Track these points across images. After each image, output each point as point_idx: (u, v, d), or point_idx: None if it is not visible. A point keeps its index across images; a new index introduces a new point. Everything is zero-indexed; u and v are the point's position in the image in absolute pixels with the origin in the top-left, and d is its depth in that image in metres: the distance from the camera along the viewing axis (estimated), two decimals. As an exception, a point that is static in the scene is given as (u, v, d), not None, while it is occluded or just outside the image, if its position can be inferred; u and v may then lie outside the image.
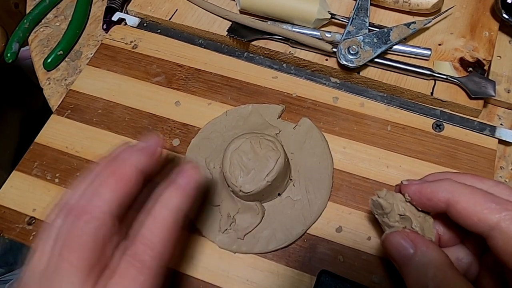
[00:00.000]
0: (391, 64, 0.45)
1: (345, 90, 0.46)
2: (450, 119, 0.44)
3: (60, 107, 0.47)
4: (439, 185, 0.29)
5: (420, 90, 0.44)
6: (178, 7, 0.52)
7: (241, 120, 0.44)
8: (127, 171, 0.29)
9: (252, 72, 0.47)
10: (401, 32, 0.45)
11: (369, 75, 0.45)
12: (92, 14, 0.56)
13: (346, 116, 0.44)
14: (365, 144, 0.43)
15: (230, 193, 0.40)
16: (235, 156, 0.38)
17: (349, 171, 0.42)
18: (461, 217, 0.27)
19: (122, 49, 0.50)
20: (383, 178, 0.41)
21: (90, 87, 0.48)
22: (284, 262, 0.38)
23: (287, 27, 0.48)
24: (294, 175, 0.41)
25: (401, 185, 0.33)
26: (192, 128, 0.45)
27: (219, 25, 0.50)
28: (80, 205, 0.28)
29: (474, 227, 0.27)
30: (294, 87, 0.46)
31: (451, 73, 0.45)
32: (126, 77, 0.48)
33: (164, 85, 0.47)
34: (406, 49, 0.46)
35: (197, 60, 0.49)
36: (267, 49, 0.48)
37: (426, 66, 0.45)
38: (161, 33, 0.51)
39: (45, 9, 0.56)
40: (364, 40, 0.45)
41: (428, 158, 0.42)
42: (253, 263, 0.38)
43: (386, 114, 0.44)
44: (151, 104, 0.46)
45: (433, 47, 0.47)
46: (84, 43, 0.54)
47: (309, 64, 0.47)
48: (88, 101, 0.47)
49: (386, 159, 0.42)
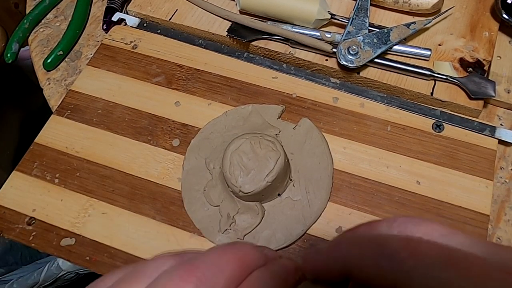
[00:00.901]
0: (391, 65, 0.45)
1: (345, 91, 0.46)
2: (450, 120, 0.43)
3: (60, 107, 0.47)
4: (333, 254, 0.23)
5: (420, 91, 0.44)
6: (178, 7, 0.51)
7: (241, 121, 0.44)
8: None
9: (252, 72, 0.47)
10: (401, 32, 0.45)
11: (369, 76, 0.45)
12: (92, 14, 0.56)
13: (346, 117, 0.44)
14: (365, 145, 0.43)
15: (230, 194, 0.40)
16: (235, 157, 0.38)
17: (349, 171, 0.42)
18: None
19: (122, 49, 0.50)
20: (383, 179, 0.41)
21: (90, 87, 0.48)
22: None
23: (287, 27, 0.48)
24: (294, 176, 0.41)
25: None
26: (192, 128, 0.45)
27: (219, 25, 0.50)
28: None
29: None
30: (294, 88, 0.46)
31: (451, 73, 0.45)
32: (126, 77, 0.48)
33: (164, 85, 0.47)
34: (406, 50, 0.46)
35: (197, 61, 0.49)
36: (267, 50, 0.48)
37: (426, 66, 0.45)
38: (161, 33, 0.51)
39: (45, 9, 0.56)
40: (364, 40, 0.45)
41: (428, 159, 0.42)
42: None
43: (386, 114, 0.44)
44: (151, 104, 0.46)
45: (433, 47, 0.46)
46: (84, 43, 0.54)
47: (309, 64, 0.47)
48: (88, 101, 0.47)
49: (386, 159, 0.42)
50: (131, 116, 0.46)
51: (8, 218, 0.41)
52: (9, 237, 0.40)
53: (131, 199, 0.42)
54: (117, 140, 0.45)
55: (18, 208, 0.42)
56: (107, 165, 0.44)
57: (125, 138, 0.45)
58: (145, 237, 0.40)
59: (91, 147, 0.45)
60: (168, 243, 0.39)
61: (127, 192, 0.42)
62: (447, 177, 0.41)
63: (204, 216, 0.40)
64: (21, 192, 0.43)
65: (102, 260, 0.39)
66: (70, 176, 0.43)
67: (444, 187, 0.40)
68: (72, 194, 0.42)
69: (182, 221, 0.40)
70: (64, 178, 0.43)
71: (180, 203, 0.41)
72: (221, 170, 0.39)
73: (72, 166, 0.44)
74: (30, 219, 0.41)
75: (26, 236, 0.40)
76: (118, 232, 0.40)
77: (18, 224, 0.41)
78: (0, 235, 0.40)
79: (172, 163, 0.43)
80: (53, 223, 0.41)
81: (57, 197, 0.42)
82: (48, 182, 0.43)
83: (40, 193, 0.42)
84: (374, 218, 0.38)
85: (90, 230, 0.40)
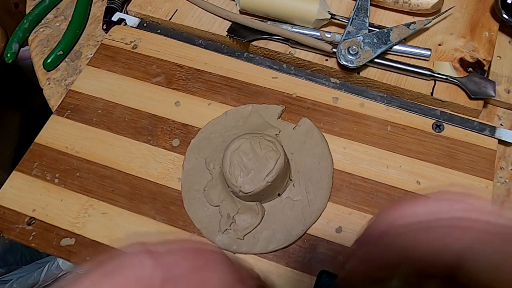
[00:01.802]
0: (391, 65, 0.45)
1: (345, 91, 0.46)
2: (450, 120, 0.43)
3: (60, 107, 0.47)
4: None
5: (420, 91, 0.44)
6: (178, 7, 0.51)
7: (241, 121, 0.44)
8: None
9: (252, 72, 0.47)
10: (401, 32, 0.45)
11: (369, 76, 0.45)
12: (92, 14, 0.56)
13: (346, 117, 0.44)
14: (365, 145, 0.43)
15: (230, 194, 0.40)
16: (235, 157, 0.38)
17: (349, 171, 0.42)
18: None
19: (122, 49, 0.50)
20: (383, 179, 0.41)
21: (90, 87, 0.48)
22: (284, 262, 0.38)
23: (287, 27, 0.48)
24: (294, 176, 0.41)
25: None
26: (192, 128, 0.45)
27: (219, 25, 0.50)
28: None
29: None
30: (294, 88, 0.46)
31: (451, 73, 0.45)
32: (126, 78, 0.48)
33: (164, 85, 0.47)
34: (406, 50, 0.46)
35: (197, 61, 0.49)
36: (267, 50, 0.48)
37: (426, 66, 0.45)
38: (161, 33, 0.51)
39: (45, 9, 0.56)
40: (364, 40, 0.45)
41: (428, 159, 0.42)
42: (253, 263, 0.38)
43: (386, 114, 0.44)
44: (151, 104, 0.46)
45: (433, 47, 0.46)
46: (84, 43, 0.54)
47: (309, 64, 0.47)
48: (88, 102, 0.47)
49: (386, 159, 0.42)
50: (131, 116, 0.46)
51: (8, 218, 0.41)
52: (9, 237, 0.40)
53: (131, 199, 0.42)
54: (117, 140, 0.45)
55: (18, 208, 0.42)
56: (107, 165, 0.44)
57: (125, 138, 0.45)
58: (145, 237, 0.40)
59: (91, 147, 0.45)
60: (168, 243, 0.40)
61: (127, 192, 0.42)
62: (447, 177, 0.41)
63: (204, 216, 0.40)
64: (21, 192, 0.43)
65: (102, 260, 0.39)
66: (70, 176, 0.43)
67: (444, 186, 0.40)
68: (72, 194, 0.42)
69: (182, 221, 0.40)
70: (64, 178, 0.43)
71: (180, 203, 0.41)
72: (221, 170, 0.39)
73: (72, 166, 0.44)
74: (30, 219, 0.41)
75: (26, 236, 0.40)
76: (118, 232, 0.40)
77: (18, 224, 0.41)
78: (0, 235, 0.40)
79: (172, 163, 0.43)
80: (53, 223, 0.41)
81: (57, 197, 0.42)
82: (48, 182, 0.43)
83: (40, 193, 0.42)
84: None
85: (90, 230, 0.40)
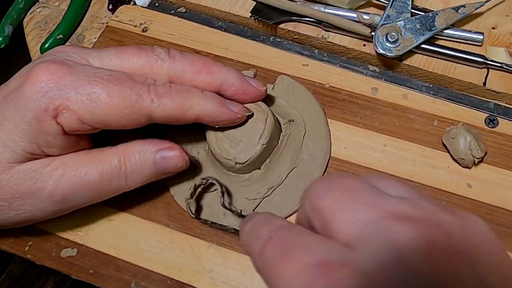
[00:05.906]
0: (438, 50, 0.43)
1: (386, 80, 0.43)
2: (506, 113, 0.41)
3: (60, 97, 0.44)
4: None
5: (471, 80, 0.42)
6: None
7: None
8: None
9: (279, 59, 0.45)
10: (448, 17, 0.42)
11: (412, 63, 0.43)
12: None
13: (387, 110, 0.42)
14: (409, 142, 0.40)
15: (225, 172, 0.38)
16: (219, 130, 0.37)
17: (390, 172, 0.39)
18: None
19: (130, 32, 0.48)
20: (430, 181, 0.39)
21: (93, 75, 0.45)
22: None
23: (319, 7, 0.45)
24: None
25: None
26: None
27: (241, 5, 0.47)
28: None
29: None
30: (327, 77, 0.44)
31: (506, 60, 0.42)
32: (135, 64, 0.45)
33: (178, 73, 0.45)
34: (455, 33, 0.43)
35: (216, 45, 0.46)
36: (297, 33, 0.46)
37: (477, 52, 0.43)
38: (175, 14, 0.48)
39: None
40: (405, 26, 0.42)
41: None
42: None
43: (432, 107, 0.42)
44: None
45: (486, 31, 0.44)
46: (87, 25, 0.51)
47: (345, 50, 0.45)
48: (92, 91, 0.44)
49: (432, 158, 0.40)
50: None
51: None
52: (1, 248, 0.37)
53: (141, 204, 0.39)
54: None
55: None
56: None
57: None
58: (157, 247, 0.37)
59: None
60: (183, 254, 0.37)
61: (136, 196, 0.38)
62: (502, 179, 0.39)
63: (204, 205, 0.39)
64: (15, 195, 0.39)
65: (107, 273, 0.37)
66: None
67: (498, 190, 0.38)
68: (74, 197, 0.39)
69: (200, 229, 0.38)
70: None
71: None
72: (207, 151, 0.38)
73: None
74: (26, 227, 0.38)
75: (21, 246, 0.38)
76: (126, 241, 0.38)
77: (12, 232, 0.37)
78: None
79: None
80: (52, 231, 0.38)
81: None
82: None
83: (37, 196, 0.39)
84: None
85: (94, 240, 0.38)
